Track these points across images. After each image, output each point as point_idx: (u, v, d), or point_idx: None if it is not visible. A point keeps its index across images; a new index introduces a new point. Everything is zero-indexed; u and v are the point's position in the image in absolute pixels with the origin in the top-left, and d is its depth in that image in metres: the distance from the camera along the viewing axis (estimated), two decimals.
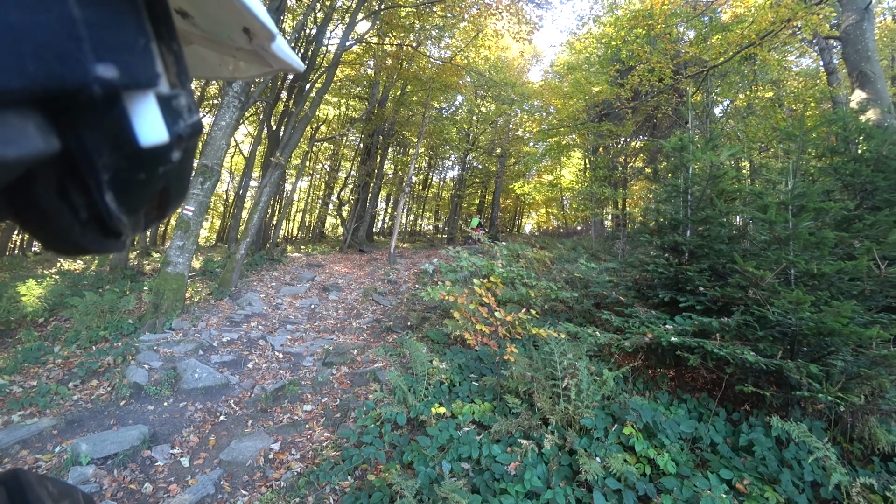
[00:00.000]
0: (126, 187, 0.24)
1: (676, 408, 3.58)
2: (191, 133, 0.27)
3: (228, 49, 0.44)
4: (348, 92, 18.34)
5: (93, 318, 6.14)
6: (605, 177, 15.36)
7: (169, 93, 0.25)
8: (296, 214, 26.41)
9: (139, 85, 0.23)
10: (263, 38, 0.40)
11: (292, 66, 0.46)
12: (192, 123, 0.28)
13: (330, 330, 7.04)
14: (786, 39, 10.20)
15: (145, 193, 0.27)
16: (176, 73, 0.26)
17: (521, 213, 33.50)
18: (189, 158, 0.29)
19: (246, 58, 0.46)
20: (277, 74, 11.57)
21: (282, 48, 0.43)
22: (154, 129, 0.24)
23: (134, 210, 0.26)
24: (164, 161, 0.26)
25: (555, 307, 6.39)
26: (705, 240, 4.57)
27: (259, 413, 4.42)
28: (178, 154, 0.27)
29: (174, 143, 0.26)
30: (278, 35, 0.40)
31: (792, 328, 3.23)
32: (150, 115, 0.24)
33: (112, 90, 0.21)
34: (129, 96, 0.23)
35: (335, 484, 3.25)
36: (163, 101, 0.25)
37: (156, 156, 0.25)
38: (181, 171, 0.28)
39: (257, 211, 9.68)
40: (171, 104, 0.26)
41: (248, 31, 0.39)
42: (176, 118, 0.26)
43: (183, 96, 0.27)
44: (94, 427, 4.06)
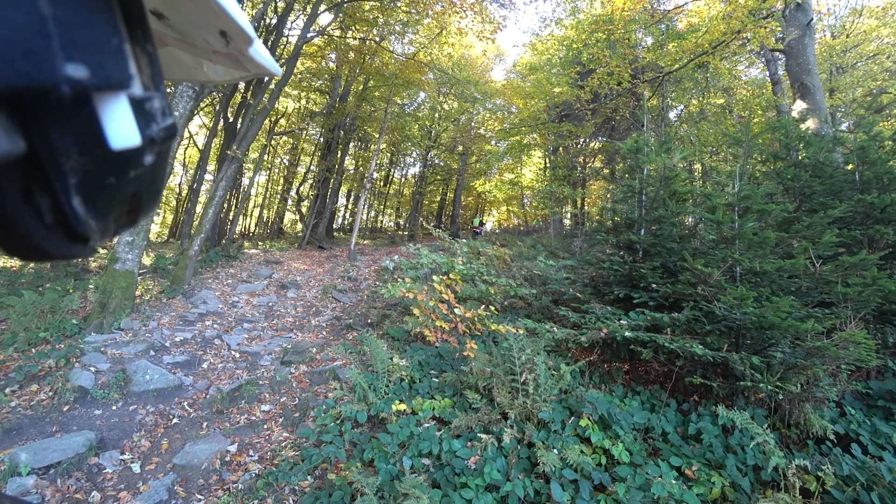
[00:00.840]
0: (95, 191, 0.24)
1: (630, 400, 3.71)
2: (164, 137, 0.27)
3: (204, 52, 0.43)
4: (309, 85, 17.95)
5: (32, 318, 5.78)
6: (565, 176, 15.72)
7: (142, 95, 0.25)
8: (253, 210, 25.69)
9: (111, 86, 0.23)
10: (241, 42, 0.39)
11: (270, 71, 0.46)
12: (165, 127, 0.27)
13: (288, 328, 6.90)
14: (736, 50, 10.75)
15: (115, 198, 0.26)
16: (150, 75, 0.26)
17: (482, 211, 33.79)
18: (163, 163, 0.28)
19: (222, 61, 0.45)
20: None
21: (259, 52, 0.42)
22: (125, 132, 0.24)
23: (103, 215, 0.25)
24: (135, 165, 0.25)
25: (514, 304, 6.50)
26: (658, 238, 4.76)
27: (215, 414, 4.29)
28: (150, 158, 0.26)
29: (146, 147, 0.25)
30: (256, 39, 0.40)
31: (737, 322, 3.42)
32: (121, 117, 0.23)
33: (82, 90, 0.21)
34: (99, 97, 0.22)
35: (295, 484, 3.20)
36: (135, 104, 0.24)
37: (127, 159, 0.24)
38: (154, 175, 0.28)
39: (212, 206, 9.35)
40: (143, 106, 0.25)
41: (225, 34, 0.38)
42: (149, 121, 0.26)
43: (156, 99, 0.26)
44: (34, 435, 3.82)
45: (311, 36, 12.17)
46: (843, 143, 4.84)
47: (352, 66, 14.78)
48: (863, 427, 3.24)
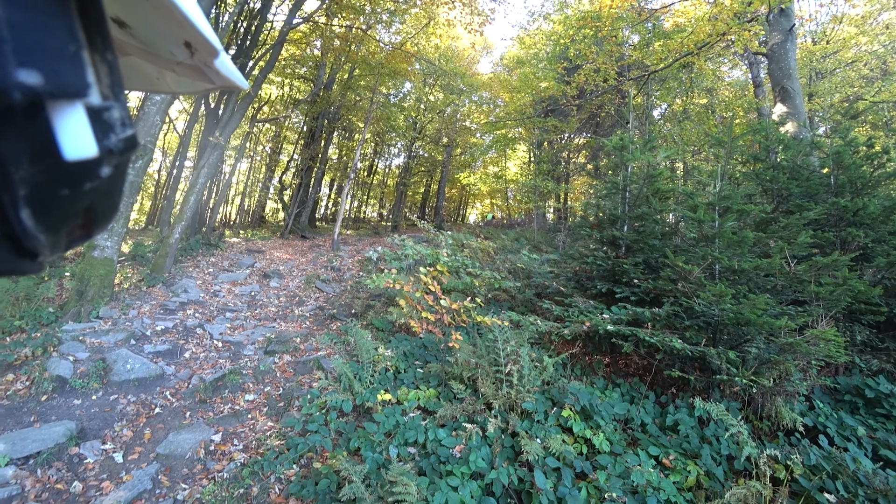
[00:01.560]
0: (46, 204, 0.22)
1: (611, 392, 3.82)
2: (123, 148, 0.26)
3: (168, 63, 0.42)
4: (293, 72, 17.66)
5: (6, 306, 5.63)
6: (549, 171, 15.83)
7: (100, 104, 0.24)
8: (234, 198, 25.28)
9: (66, 94, 0.22)
10: (206, 54, 0.38)
11: (236, 84, 0.45)
12: (124, 138, 0.26)
13: (271, 318, 6.87)
14: (720, 51, 10.94)
15: (68, 211, 0.24)
16: (109, 85, 0.25)
17: (465, 204, 33.84)
18: (120, 175, 0.27)
19: (187, 73, 0.43)
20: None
21: (225, 64, 0.41)
22: (81, 143, 0.22)
23: (54, 229, 0.24)
24: (91, 177, 0.24)
25: (498, 296, 6.57)
26: (641, 235, 4.87)
27: (198, 404, 4.27)
28: (107, 170, 0.25)
29: (103, 158, 0.24)
30: (222, 51, 0.39)
31: (715, 318, 3.53)
32: (77, 126, 0.22)
33: (35, 97, 0.20)
34: (54, 105, 0.21)
35: (280, 473, 3.22)
36: (93, 113, 0.23)
37: (82, 171, 0.23)
38: (111, 188, 0.26)
39: (193, 193, 9.20)
40: (101, 116, 0.24)
41: (189, 45, 0.37)
42: (107, 131, 0.24)
43: (116, 109, 0.25)
44: (11, 425, 3.75)
45: (297, 22, 11.98)
46: (819, 147, 5.00)
47: (337, 53, 14.59)
48: (830, 420, 3.41)
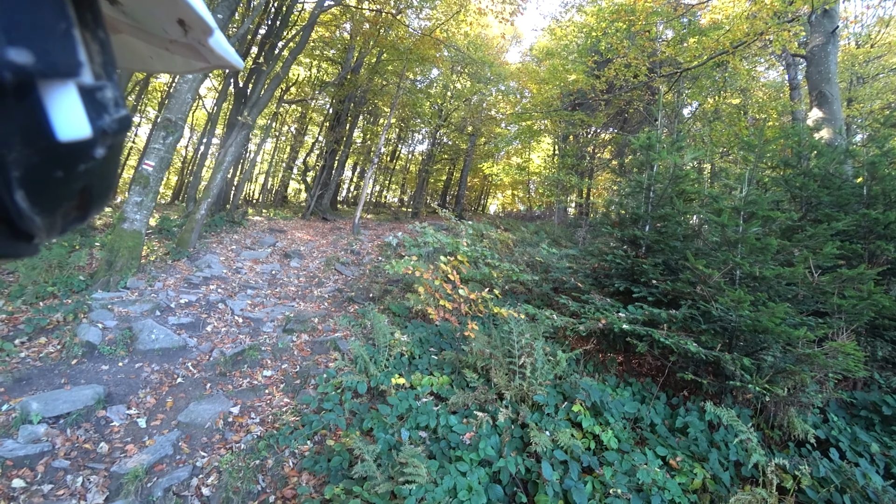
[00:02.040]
0: (40, 186, 0.22)
1: (622, 390, 3.84)
2: (117, 128, 0.26)
3: (161, 41, 0.41)
4: (321, 54, 17.72)
5: (40, 272, 5.86)
6: (573, 165, 15.68)
7: (93, 84, 0.24)
8: (258, 177, 25.62)
9: (57, 73, 0.21)
10: (200, 32, 0.37)
11: (231, 63, 0.44)
12: (118, 118, 0.26)
13: (291, 297, 7.02)
14: (757, 51, 10.63)
15: (63, 193, 0.24)
16: (101, 64, 0.25)
17: (487, 193, 33.71)
18: (115, 156, 0.27)
19: (180, 51, 0.43)
20: (248, 29, 11.07)
21: (220, 43, 0.40)
22: (74, 123, 0.22)
23: (49, 211, 0.24)
24: (85, 158, 0.24)
25: (515, 288, 6.60)
26: (662, 236, 4.83)
27: (218, 377, 4.42)
28: (101, 150, 0.25)
29: (97, 139, 0.24)
30: (216, 29, 0.38)
31: (732, 324, 3.52)
32: (69, 107, 0.22)
33: (25, 77, 0.20)
34: (45, 85, 0.21)
35: (295, 448, 3.34)
36: (85, 93, 0.23)
37: (76, 152, 0.23)
38: (105, 169, 0.26)
39: (220, 170, 9.38)
40: (94, 96, 0.24)
41: (183, 23, 0.36)
42: (100, 112, 0.24)
43: (109, 88, 0.25)
44: (43, 386, 3.94)
45: (328, 4, 12.00)
46: (854, 155, 4.87)
47: (366, 37, 14.57)
48: (843, 434, 3.38)
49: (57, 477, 2.99)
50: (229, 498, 2.92)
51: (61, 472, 3.03)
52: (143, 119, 20.68)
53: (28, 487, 2.88)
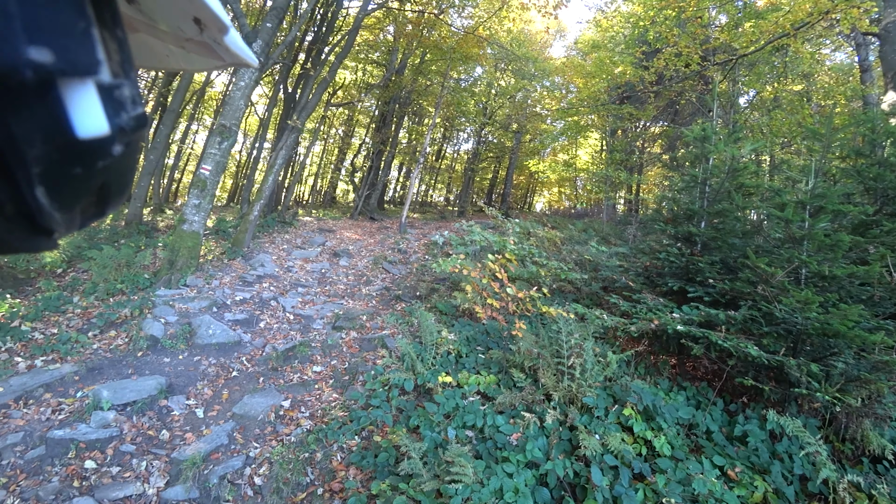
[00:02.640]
0: (59, 182, 0.23)
1: (676, 394, 3.68)
2: (135, 126, 0.26)
3: (177, 39, 0.42)
4: (366, 57, 18.05)
5: (110, 270, 6.29)
6: (622, 160, 15.21)
7: (111, 82, 0.24)
8: (308, 178, 26.40)
9: (77, 72, 0.22)
10: (215, 30, 0.38)
11: (245, 61, 0.45)
12: (136, 116, 0.26)
13: (340, 295, 7.18)
14: (822, 32, 9.90)
15: (81, 189, 0.25)
16: (119, 62, 0.25)
17: (533, 191, 33.28)
18: (133, 153, 0.27)
19: (196, 49, 0.43)
20: (296, 36, 11.40)
21: (235, 41, 0.41)
22: (93, 121, 0.23)
23: (68, 207, 0.25)
24: (103, 155, 0.24)
25: (563, 287, 6.47)
26: (719, 233, 4.60)
27: (270, 371, 4.58)
28: (119, 148, 0.25)
29: (115, 136, 0.24)
30: (231, 27, 0.39)
31: (797, 327, 3.29)
32: (88, 104, 0.23)
33: (46, 76, 0.20)
34: (65, 83, 0.21)
35: (343, 442, 3.41)
36: (104, 91, 0.23)
37: (94, 149, 0.24)
38: (123, 166, 0.27)
39: (272, 173, 9.72)
40: (112, 94, 0.24)
41: (199, 21, 0.37)
42: (118, 109, 0.25)
43: (127, 86, 0.25)
44: (113, 375, 4.23)
45: (372, 8, 12.20)
46: None
47: (409, 38, 14.69)
48: None
49: (124, 460, 3.19)
50: (280, 488, 3.01)
51: (128, 455, 3.24)
52: (199, 126, 21.76)
53: (99, 468, 3.09)
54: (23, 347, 4.53)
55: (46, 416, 3.55)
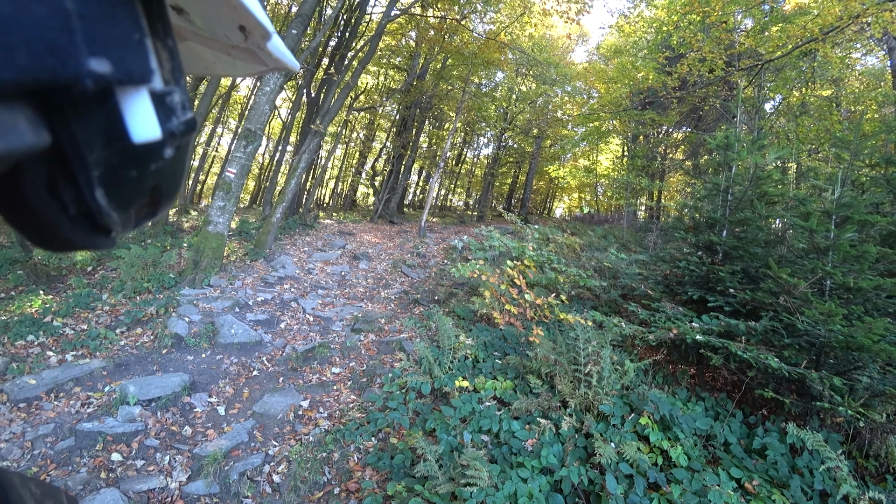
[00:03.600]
0: (117, 184, 0.24)
1: (694, 404, 3.64)
2: (184, 130, 0.27)
3: (223, 46, 0.43)
4: (388, 62, 18.25)
5: (137, 269, 6.49)
6: (643, 167, 15.06)
7: (163, 89, 0.25)
8: (329, 181, 26.74)
9: (132, 80, 0.23)
10: (259, 37, 0.39)
11: (287, 66, 0.47)
12: (185, 121, 0.28)
13: (359, 297, 7.27)
14: (852, 36, 9.65)
15: (136, 190, 0.26)
16: (170, 70, 0.26)
17: (552, 197, 33.13)
18: (182, 156, 0.29)
19: (241, 56, 0.45)
20: (320, 42, 11.59)
21: (277, 47, 0.43)
22: (147, 126, 0.24)
23: (125, 207, 0.26)
24: (156, 158, 0.26)
25: (581, 294, 6.45)
26: (741, 242, 4.54)
27: (290, 371, 4.67)
28: (170, 151, 0.27)
29: (167, 140, 0.26)
30: (274, 33, 0.40)
31: (820, 339, 3.23)
32: (142, 110, 0.24)
33: (105, 85, 0.22)
34: (121, 91, 0.23)
35: (360, 443, 3.46)
36: (156, 98, 0.25)
37: (148, 152, 0.25)
38: (174, 168, 0.28)
39: (295, 176, 9.90)
40: (164, 101, 0.26)
41: (243, 28, 0.38)
42: (169, 115, 0.26)
43: (177, 93, 0.27)
44: (139, 371, 4.37)
45: (395, 14, 12.33)
46: None
47: (431, 44, 14.83)
48: None
49: (148, 454, 3.30)
50: (297, 486, 3.08)
51: (152, 449, 3.34)
52: (224, 129, 22.23)
53: (124, 461, 3.19)
54: (54, 342, 4.71)
55: (76, 409, 3.69)
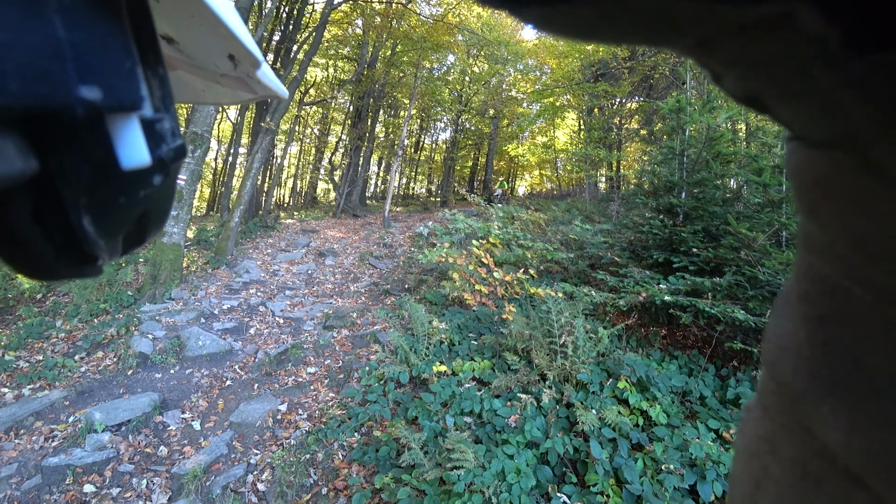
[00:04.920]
0: (105, 211, 0.24)
1: (668, 364, 3.73)
2: (174, 157, 0.27)
3: (213, 75, 0.44)
4: (336, 53, 17.81)
5: (91, 291, 6.17)
6: (600, 138, 15.26)
7: (153, 116, 0.25)
8: (287, 180, 26.12)
9: (123, 107, 0.23)
10: (248, 65, 0.40)
11: (277, 93, 0.47)
12: (175, 147, 0.27)
13: (328, 294, 7.14)
14: None
15: (124, 217, 0.26)
16: (160, 97, 0.26)
17: (514, 176, 33.33)
18: (171, 183, 0.28)
19: (230, 84, 0.45)
20: (262, 36, 11.20)
21: (266, 75, 0.43)
22: (136, 152, 0.24)
23: (112, 234, 0.26)
24: (145, 185, 0.25)
25: (550, 268, 6.50)
26: (700, 202, 4.65)
27: (264, 377, 4.55)
28: (159, 178, 0.26)
29: (156, 167, 0.25)
30: (263, 62, 0.40)
31: (781, 287, 3.34)
32: (132, 137, 0.24)
33: (95, 112, 0.21)
34: (112, 118, 0.23)
35: (343, 440, 3.40)
36: (146, 125, 0.25)
37: (137, 179, 0.25)
38: (162, 195, 0.28)
39: (249, 178, 9.59)
40: (154, 127, 0.25)
41: (233, 57, 0.39)
42: (159, 142, 0.26)
43: (167, 120, 0.27)
44: (104, 396, 4.16)
45: (338, 2, 12.03)
46: None
47: (379, 31, 14.53)
48: None
49: (123, 480, 3.15)
50: (284, 492, 3.00)
51: (127, 475, 3.19)
52: None
53: (98, 491, 3.04)
54: (8, 378, 4.42)
55: (39, 445, 3.48)
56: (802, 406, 0.20)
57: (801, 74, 0.17)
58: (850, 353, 0.18)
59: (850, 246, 0.18)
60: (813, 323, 0.20)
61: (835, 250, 0.19)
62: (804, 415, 0.20)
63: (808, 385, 0.20)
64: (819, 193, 0.19)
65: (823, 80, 0.16)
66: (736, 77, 0.20)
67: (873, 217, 0.17)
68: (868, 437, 0.17)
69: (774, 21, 0.15)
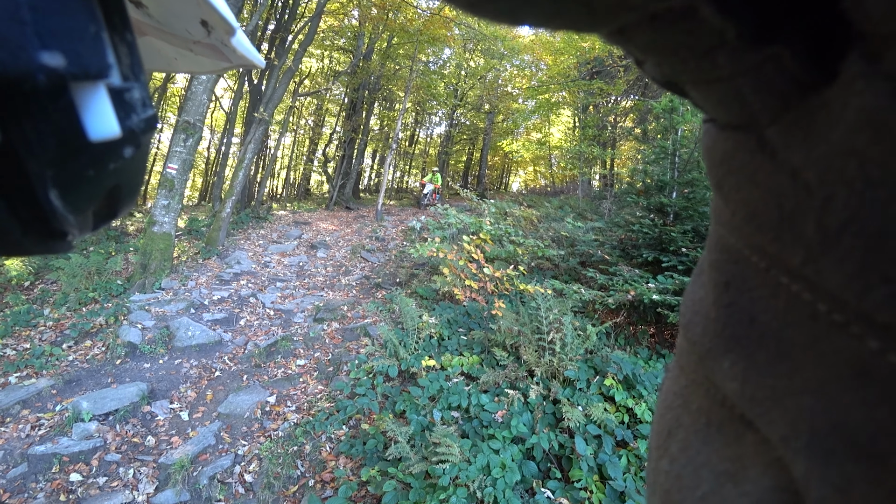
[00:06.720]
0: (73, 184, 0.23)
1: (655, 362, 3.78)
2: (144, 128, 0.26)
3: (185, 42, 0.42)
4: (332, 44, 17.68)
5: (80, 279, 6.11)
6: (595, 136, 15.29)
7: (121, 85, 0.24)
8: (280, 171, 25.96)
9: (88, 75, 0.22)
10: (222, 32, 0.38)
11: (252, 62, 0.45)
12: (146, 118, 0.26)
13: (319, 287, 7.13)
14: None
15: (94, 191, 0.25)
16: (129, 65, 0.25)
17: (508, 171, 33.34)
18: (143, 155, 0.27)
19: (204, 52, 0.43)
20: (257, 25, 11.09)
21: (242, 43, 0.41)
22: (104, 123, 0.23)
23: (81, 209, 0.25)
24: (114, 157, 0.24)
25: (541, 265, 6.53)
26: (690, 202, 4.69)
27: (253, 368, 4.54)
28: (130, 150, 0.25)
29: (126, 138, 0.24)
30: (238, 29, 0.39)
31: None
32: (100, 107, 0.22)
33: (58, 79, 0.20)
34: (77, 87, 0.21)
35: (331, 433, 3.42)
36: (114, 94, 0.23)
37: (106, 151, 0.24)
38: (134, 168, 0.27)
39: (242, 168, 9.52)
40: (123, 97, 0.24)
41: (206, 23, 0.37)
42: (128, 112, 0.25)
43: (136, 89, 0.25)
44: (92, 385, 4.13)
45: None
46: None
47: (375, 22, 14.44)
48: None
49: (110, 470, 3.14)
50: (271, 483, 3.01)
51: (113, 465, 3.19)
52: (164, 124, 21.12)
53: (84, 480, 3.04)
54: None
55: (26, 433, 3.46)
56: (709, 362, 0.22)
57: (708, 62, 0.19)
58: (747, 313, 0.20)
59: (746, 217, 0.20)
60: (720, 288, 0.22)
61: (735, 222, 0.21)
62: (710, 370, 0.22)
63: (713, 343, 0.22)
64: (724, 170, 0.21)
65: (726, 69, 0.18)
66: (653, 63, 0.22)
67: (763, 191, 0.18)
68: (756, 386, 0.19)
69: (681, 13, 0.17)
